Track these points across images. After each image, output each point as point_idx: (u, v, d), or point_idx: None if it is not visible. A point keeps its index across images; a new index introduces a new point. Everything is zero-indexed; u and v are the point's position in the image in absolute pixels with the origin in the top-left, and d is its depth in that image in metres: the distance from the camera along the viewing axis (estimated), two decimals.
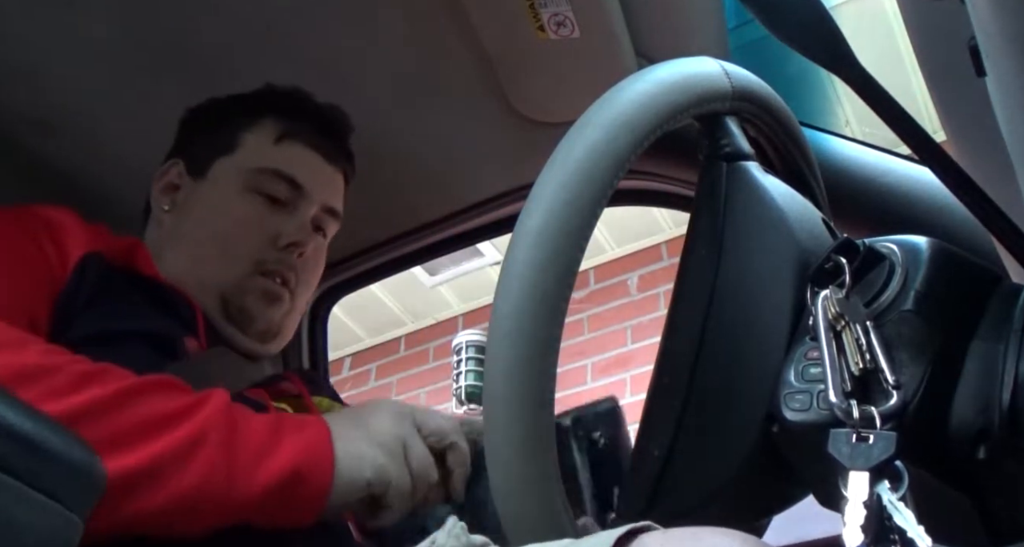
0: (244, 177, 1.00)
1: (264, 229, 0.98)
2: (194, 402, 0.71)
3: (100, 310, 0.84)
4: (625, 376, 3.58)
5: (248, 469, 0.69)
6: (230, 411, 0.72)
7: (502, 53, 1.09)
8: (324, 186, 1.05)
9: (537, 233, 0.52)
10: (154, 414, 0.68)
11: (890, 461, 0.44)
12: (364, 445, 0.75)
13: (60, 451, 0.52)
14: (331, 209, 1.06)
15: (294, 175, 1.01)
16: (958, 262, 0.54)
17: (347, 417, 0.78)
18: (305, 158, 1.03)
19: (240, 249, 0.97)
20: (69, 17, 1.06)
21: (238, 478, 0.69)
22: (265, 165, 1.01)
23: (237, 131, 1.03)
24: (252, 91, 1.07)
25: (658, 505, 0.57)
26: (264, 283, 0.98)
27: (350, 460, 0.73)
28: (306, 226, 1.01)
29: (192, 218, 1.00)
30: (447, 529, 0.59)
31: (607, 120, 0.55)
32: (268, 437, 0.71)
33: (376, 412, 0.79)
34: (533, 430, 0.51)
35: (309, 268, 1.03)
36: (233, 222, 0.98)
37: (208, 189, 1.01)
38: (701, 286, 0.58)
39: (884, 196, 1.00)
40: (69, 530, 0.51)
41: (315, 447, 0.73)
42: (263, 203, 0.99)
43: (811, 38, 0.58)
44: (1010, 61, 0.39)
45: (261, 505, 0.70)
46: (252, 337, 0.99)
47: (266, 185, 1.00)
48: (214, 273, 0.96)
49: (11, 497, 0.48)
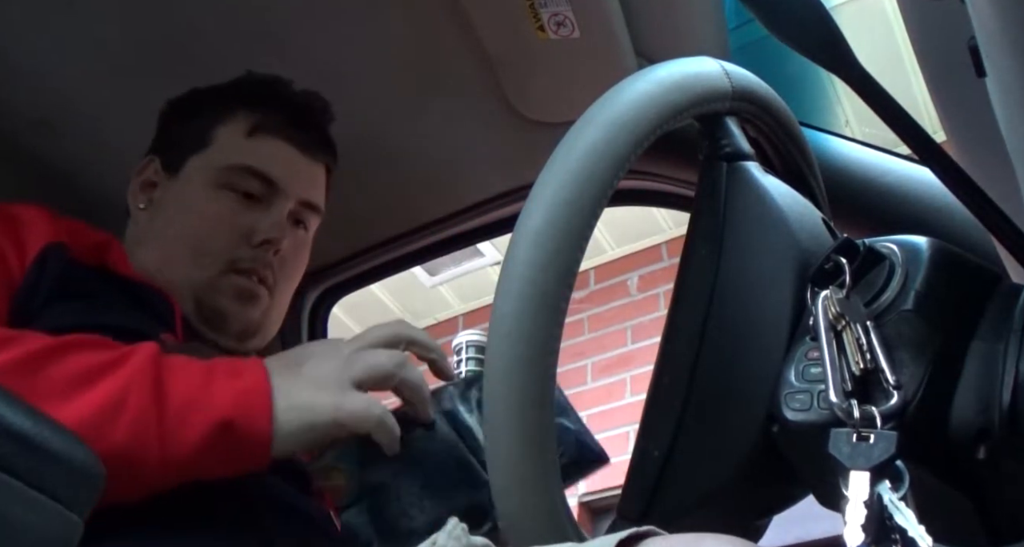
0: (216, 174, 0.97)
1: (237, 226, 0.95)
2: (117, 357, 0.68)
3: (68, 304, 0.82)
4: (625, 376, 3.58)
5: (177, 422, 0.67)
6: (157, 363, 0.69)
7: (502, 53, 1.09)
8: (300, 180, 1.01)
9: (537, 233, 0.52)
10: (76, 372, 0.66)
11: (891, 461, 0.44)
12: (304, 388, 0.72)
13: (60, 451, 0.52)
14: (309, 203, 1.02)
15: (267, 171, 0.98)
16: (958, 262, 0.54)
17: (282, 361, 0.75)
18: (279, 152, 1.00)
19: (212, 247, 0.94)
20: (69, 17, 1.06)
21: (168, 433, 0.66)
22: (237, 162, 0.98)
23: (210, 126, 1.00)
24: (229, 81, 1.04)
25: (658, 505, 0.57)
26: (238, 281, 0.95)
27: (290, 403, 0.71)
28: (281, 223, 0.98)
29: (165, 217, 0.98)
30: (447, 530, 0.59)
31: (607, 120, 0.55)
32: (198, 388, 0.69)
33: (312, 355, 0.76)
34: (533, 430, 0.51)
35: (289, 263, 1.00)
36: (205, 220, 0.95)
37: (181, 187, 0.99)
38: (701, 286, 0.58)
39: (884, 196, 1.00)
40: (69, 530, 0.51)
41: (250, 394, 0.70)
42: (236, 200, 0.96)
43: (811, 38, 0.58)
44: (1010, 61, 0.39)
45: (199, 458, 0.67)
46: (230, 338, 0.96)
47: (239, 182, 0.97)
48: (186, 273, 0.94)
49: (11, 497, 0.48)
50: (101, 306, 0.85)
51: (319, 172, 1.05)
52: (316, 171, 1.04)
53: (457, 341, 0.87)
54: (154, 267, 0.95)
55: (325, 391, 0.72)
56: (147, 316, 0.88)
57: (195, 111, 1.03)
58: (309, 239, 1.06)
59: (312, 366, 0.74)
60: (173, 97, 1.06)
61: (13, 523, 0.48)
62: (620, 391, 3.56)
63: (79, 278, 0.86)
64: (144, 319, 0.87)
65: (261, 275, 0.97)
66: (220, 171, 0.98)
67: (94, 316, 0.82)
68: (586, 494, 3.28)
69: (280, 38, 1.11)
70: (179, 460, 0.67)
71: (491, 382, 0.52)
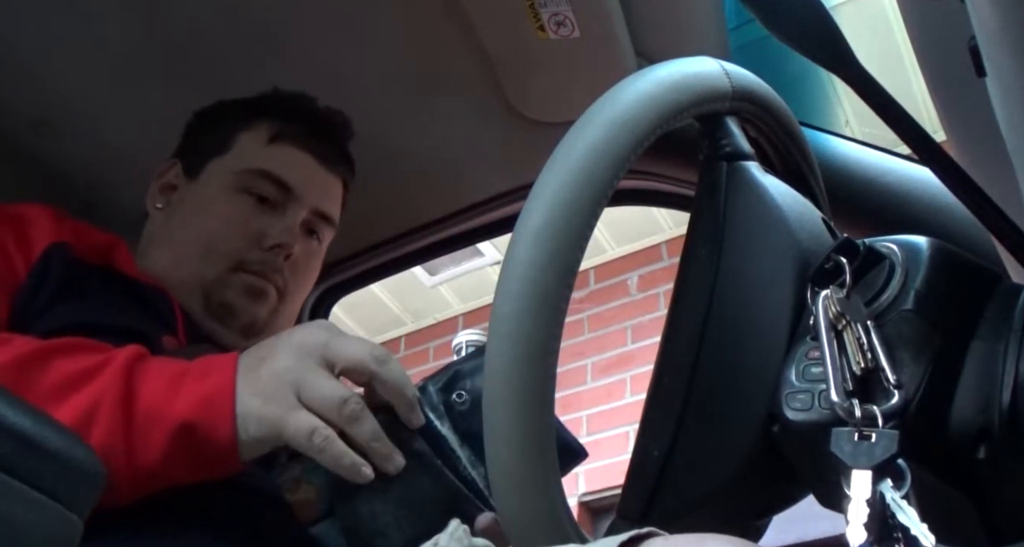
0: (234, 177, 0.99)
1: (249, 229, 0.97)
2: (94, 365, 0.68)
3: (69, 303, 0.83)
4: (625, 376, 3.58)
5: (143, 433, 0.66)
6: (130, 371, 0.68)
7: (502, 53, 1.09)
8: (316, 189, 1.02)
9: (537, 233, 0.52)
10: (55, 382, 0.66)
11: (892, 459, 0.44)
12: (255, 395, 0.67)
13: (60, 451, 0.52)
14: (324, 214, 1.03)
15: (283, 176, 0.99)
16: (958, 262, 0.54)
17: (254, 357, 0.71)
18: (297, 159, 1.02)
19: (223, 248, 0.96)
20: (69, 17, 1.06)
21: (133, 445, 0.66)
22: (255, 166, 1.00)
23: (232, 133, 1.03)
24: (256, 95, 1.06)
25: (658, 505, 0.57)
26: (247, 278, 0.96)
27: (246, 410, 0.67)
28: (293, 228, 0.99)
29: (181, 217, 1.00)
30: (449, 531, 0.58)
31: (607, 120, 0.55)
32: (164, 394, 0.67)
33: (278, 352, 0.70)
34: (533, 430, 0.51)
35: (300, 272, 1.01)
36: (218, 221, 0.97)
37: (200, 189, 1.01)
38: (701, 286, 0.58)
39: (884, 196, 1.00)
40: (69, 530, 0.51)
41: (212, 399, 0.67)
42: (251, 203, 0.98)
43: (811, 38, 0.58)
44: (1010, 61, 0.39)
45: (167, 466, 0.66)
46: (235, 332, 0.96)
47: (255, 186, 0.98)
48: (196, 270, 0.95)
49: (11, 497, 0.48)
50: (102, 305, 0.85)
51: (335, 185, 1.06)
52: (332, 183, 1.05)
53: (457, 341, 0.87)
54: (165, 266, 0.96)
55: (273, 403, 0.67)
56: (148, 317, 0.88)
57: (219, 119, 1.05)
58: (322, 252, 1.07)
59: (269, 370, 0.69)
60: (199, 108, 1.08)
61: (13, 523, 0.48)
62: (620, 391, 3.56)
63: (82, 277, 0.86)
64: (145, 320, 0.87)
65: (270, 278, 0.98)
66: (238, 175, 0.99)
67: (94, 315, 0.82)
68: (586, 494, 3.28)
69: (281, 38, 1.11)
70: (148, 469, 0.67)
71: (491, 382, 0.52)
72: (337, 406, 0.67)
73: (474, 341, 0.85)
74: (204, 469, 0.69)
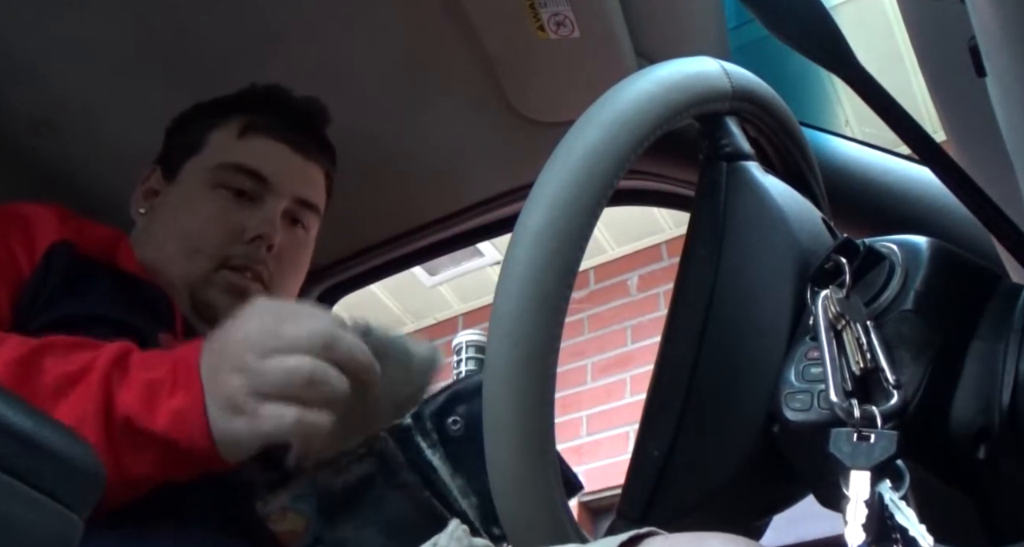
0: (208, 174, 0.99)
1: (228, 224, 0.97)
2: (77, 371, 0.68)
3: (70, 296, 0.84)
4: (625, 376, 3.58)
5: (127, 446, 0.67)
6: (109, 381, 0.68)
7: (502, 53, 1.09)
8: (293, 177, 1.02)
9: (537, 233, 0.52)
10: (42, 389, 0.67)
11: (891, 460, 0.44)
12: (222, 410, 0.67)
13: (60, 451, 0.52)
14: (305, 201, 1.02)
15: (257, 167, 0.99)
16: (958, 262, 0.54)
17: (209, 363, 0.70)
18: (270, 150, 1.01)
19: (205, 244, 0.96)
20: (69, 17, 1.06)
21: (118, 459, 0.67)
22: (227, 160, 1.00)
23: (205, 131, 1.03)
24: (232, 93, 1.06)
25: (658, 505, 0.57)
26: (230, 277, 0.96)
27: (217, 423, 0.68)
28: (273, 219, 0.98)
29: (162, 219, 1.00)
30: (449, 532, 0.58)
31: (607, 120, 0.55)
32: (143, 406, 0.68)
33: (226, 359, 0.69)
34: (533, 430, 0.51)
35: (286, 261, 1.01)
36: (197, 219, 0.97)
37: (178, 190, 1.01)
38: (701, 286, 0.58)
39: (884, 196, 1.00)
40: (69, 530, 0.51)
41: (186, 414, 0.68)
42: (229, 198, 0.98)
43: (811, 38, 0.58)
44: (1010, 61, 0.39)
45: (155, 473, 0.68)
46: None
47: (230, 180, 0.98)
48: (181, 270, 0.96)
49: (11, 497, 0.48)
50: (102, 300, 0.86)
51: (315, 171, 1.05)
52: (311, 170, 1.05)
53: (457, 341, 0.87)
54: (153, 266, 0.96)
55: (240, 415, 0.68)
56: (147, 313, 0.89)
57: (194, 120, 1.05)
58: (310, 239, 1.06)
59: (225, 381, 0.69)
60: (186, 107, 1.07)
61: (13, 523, 0.48)
62: (620, 391, 3.56)
63: (83, 273, 0.87)
64: (143, 316, 0.88)
65: (255, 271, 0.97)
66: (212, 171, 0.99)
67: (96, 307, 0.83)
68: (586, 494, 3.28)
69: (280, 38, 1.11)
70: (136, 478, 0.68)
71: (491, 382, 0.52)
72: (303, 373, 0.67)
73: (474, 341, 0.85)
74: (196, 470, 0.71)
